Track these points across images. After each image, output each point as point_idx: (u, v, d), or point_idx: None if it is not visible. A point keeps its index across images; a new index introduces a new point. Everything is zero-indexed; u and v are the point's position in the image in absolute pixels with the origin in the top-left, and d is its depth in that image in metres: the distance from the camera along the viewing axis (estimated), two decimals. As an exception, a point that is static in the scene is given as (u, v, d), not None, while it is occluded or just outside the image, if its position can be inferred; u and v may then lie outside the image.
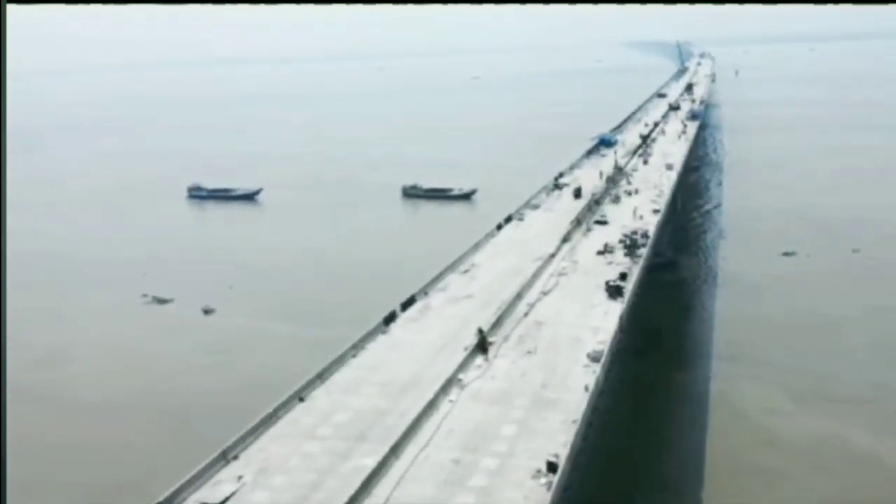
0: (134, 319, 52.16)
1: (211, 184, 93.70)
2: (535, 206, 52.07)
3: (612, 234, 44.33)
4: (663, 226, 49.26)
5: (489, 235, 44.62)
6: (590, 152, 74.34)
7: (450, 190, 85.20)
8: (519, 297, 34.38)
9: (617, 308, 33.14)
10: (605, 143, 77.95)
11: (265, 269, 62.46)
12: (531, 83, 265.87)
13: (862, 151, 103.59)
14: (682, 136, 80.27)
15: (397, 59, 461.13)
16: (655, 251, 44.82)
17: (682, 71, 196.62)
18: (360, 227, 74.97)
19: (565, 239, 43.39)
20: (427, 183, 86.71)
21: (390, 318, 32.05)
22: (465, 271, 38.36)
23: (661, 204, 50.98)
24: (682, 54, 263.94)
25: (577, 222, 46.49)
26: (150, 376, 42.35)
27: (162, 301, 54.81)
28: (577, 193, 53.65)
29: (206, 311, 52.29)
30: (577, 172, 63.90)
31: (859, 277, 53.82)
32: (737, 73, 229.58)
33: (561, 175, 61.74)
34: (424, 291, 35.41)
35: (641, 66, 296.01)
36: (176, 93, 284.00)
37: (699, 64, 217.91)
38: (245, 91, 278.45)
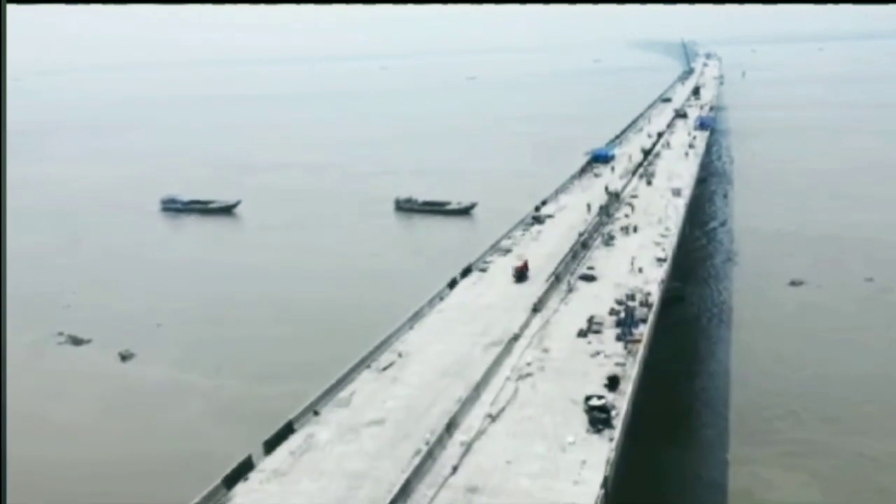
0: (39, 365, 42.66)
1: (186, 195, 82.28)
2: (506, 251, 37.46)
3: (601, 297, 30.50)
4: (668, 278, 35.13)
5: (436, 298, 30.77)
6: (582, 171, 59.62)
7: (447, 204, 70.96)
8: (451, 427, 20.83)
9: (602, 451, 19.60)
10: (599, 158, 63.22)
11: (211, 302, 51.27)
12: (528, 82, 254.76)
13: (870, 156, 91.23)
14: (691, 152, 65.16)
15: (399, 59, 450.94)
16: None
17: (688, 72, 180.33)
18: (340, 248, 62.42)
19: (536, 307, 29.51)
20: (423, 195, 72.90)
21: (240, 472, 18.69)
22: (386, 367, 24.74)
23: (668, 248, 36.61)
24: (687, 54, 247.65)
25: (556, 279, 32.43)
26: (32, 442, 32.78)
27: (78, 342, 46.10)
28: (520, 275, 32.94)
29: (124, 357, 42.91)
30: (563, 199, 49.05)
31: (876, 314, 43.42)
32: (744, 73, 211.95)
33: (544, 203, 47.25)
34: (314, 410, 21.95)
35: (645, 66, 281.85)
36: (173, 93, 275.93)
37: (705, 65, 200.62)
38: (244, 91, 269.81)
